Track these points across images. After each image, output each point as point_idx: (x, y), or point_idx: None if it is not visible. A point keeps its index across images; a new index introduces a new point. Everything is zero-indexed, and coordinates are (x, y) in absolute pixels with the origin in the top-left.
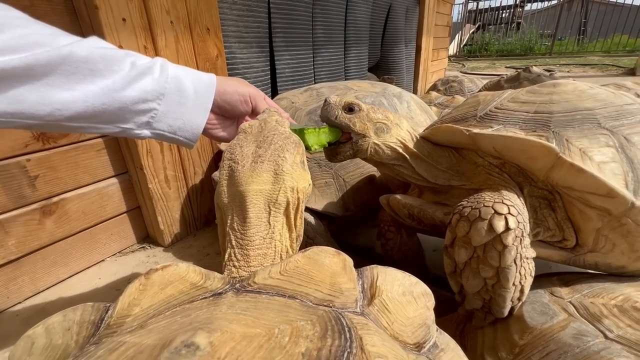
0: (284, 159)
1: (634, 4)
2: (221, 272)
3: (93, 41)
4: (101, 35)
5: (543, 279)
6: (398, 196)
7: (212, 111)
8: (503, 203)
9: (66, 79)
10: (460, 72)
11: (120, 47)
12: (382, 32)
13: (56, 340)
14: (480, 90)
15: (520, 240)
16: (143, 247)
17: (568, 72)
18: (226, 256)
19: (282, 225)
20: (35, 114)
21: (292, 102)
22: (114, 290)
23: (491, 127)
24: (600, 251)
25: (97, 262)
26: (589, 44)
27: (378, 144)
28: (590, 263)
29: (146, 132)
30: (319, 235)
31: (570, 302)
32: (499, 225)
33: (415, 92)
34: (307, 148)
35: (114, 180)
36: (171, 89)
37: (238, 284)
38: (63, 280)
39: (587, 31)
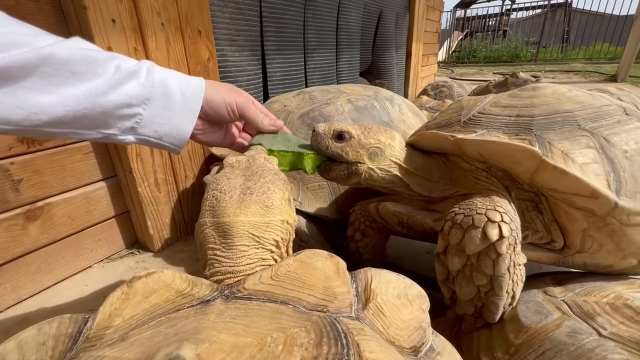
0: (274, 192)
1: (614, 13)
2: None
3: (75, 42)
4: (90, 36)
5: (536, 279)
6: (388, 204)
7: (199, 117)
8: (495, 210)
9: (45, 82)
10: (450, 77)
11: (110, 48)
12: (373, 37)
13: (29, 357)
14: (469, 95)
15: (514, 247)
16: (132, 253)
17: (553, 78)
18: (209, 274)
19: (271, 253)
20: (10, 119)
21: (285, 106)
22: (101, 297)
23: (475, 131)
24: (588, 251)
25: (84, 269)
26: (572, 52)
27: (372, 169)
28: (579, 263)
29: (130, 138)
30: (312, 239)
31: (563, 300)
32: (493, 234)
33: (406, 96)
34: (305, 171)
35: (102, 184)
36: (157, 93)
37: (227, 291)
38: (47, 288)
39: (570, 39)
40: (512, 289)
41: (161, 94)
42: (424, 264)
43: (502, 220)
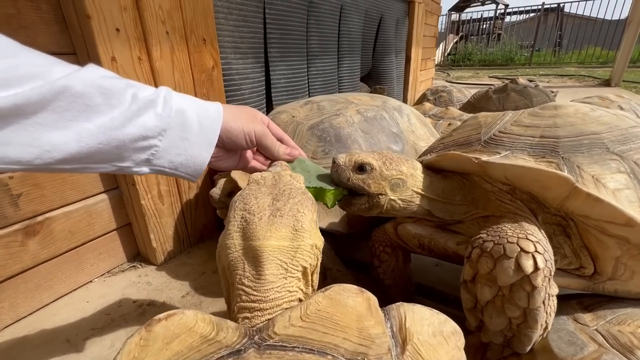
0: (304, 215)
1: (605, 18)
2: (228, 316)
3: (91, 71)
4: (93, 45)
5: (561, 303)
6: (408, 226)
7: (215, 145)
8: (528, 239)
9: (58, 117)
10: (446, 80)
11: (113, 58)
12: (373, 42)
13: None
14: (469, 101)
15: (549, 279)
16: (134, 266)
17: (548, 82)
18: (236, 309)
19: (298, 282)
20: (22, 158)
21: (293, 116)
22: (104, 314)
23: (498, 152)
24: (620, 279)
25: (84, 284)
26: (565, 55)
27: (394, 200)
28: (610, 290)
29: (145, 169)
30: (324, 255)
31: (596, 330)
32: (528, 265)
33: (405, 101)
34: (326, 205)
35: (104, 196)
36: (174, 123)
37: (257, 337)
38: (46, 305)
39: (563, 43)
40: (546, 321)
41: (178, 123)
42: (433, 277)
43: (536, 251)
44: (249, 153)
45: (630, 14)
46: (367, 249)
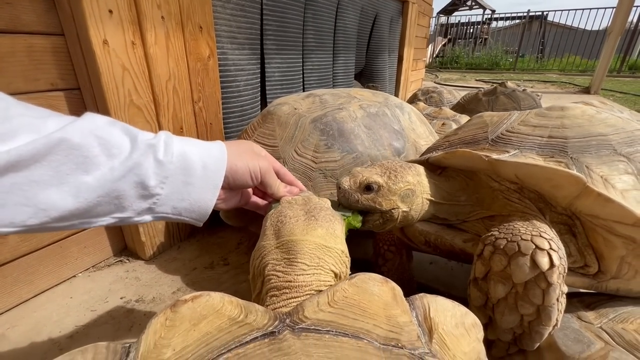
0: (336, 223)
1: (585, 28)
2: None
3: (88, 120)
4: (84, 27)
5: None
6: (415, 223)
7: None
8: (542, 237)
9: (54, 172)
10: (435, 82)
11: (105, 41)
12: (367, 40)
13: None
14: (459, 102)
15: (563, 276)
16: (120, 261)
17: (532, 87)
18: (264, 290)
19: (327, 276)
20: (15, 220)
21: (295, 109)
22: (89, 311)
23: (507, 151)
24: (623, 277)
25: (68, 279)
26: (548, 62)
27: (407, 211)
28: (612, 289)
29: (147, 218)
30: None
31: (601, 327)
32: (544, 262)
33: None
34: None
35: None
36: (177, 168)
37: (288, 320)
38: (27, 301)
39: (545, 50)
40: (557, 318)
41: (180, 168)
42: (428, 275)
43: (551, 248)
44: (248, 191)
45: (611, 25)
46: (361, 245)
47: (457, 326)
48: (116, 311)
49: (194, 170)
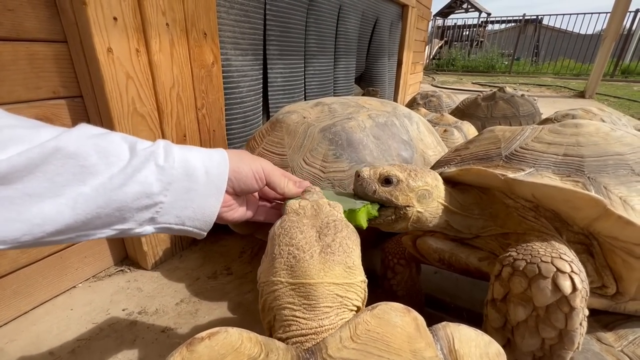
0: (353, 251)
1: (580, 32)
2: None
3: (83, 129)
4: (88, 35)
5: None
6: (429, 240)
7: (225, 191)
8: (562, 259)
9: (49, 183)
10: (432, 85)
11: (110, 49)
12: (368, 44)
13: None
14: (458, 106)
15: (585, 300)
16: (121, 270)
17: (528, 91)
18: (284, 336)
19: (350, 313)
20: (7, 237)
21: (304, 117)
22: (90, 323)
23: (522, 169)
24: None
25: (68, 289)
26: (543, 65)
27: (421, 212)
28: (631, 310)
29: (149, 229)
30: None
31: (622, 351)
32: (566, 286)
33: None
34: (359, 226)
35: None
36: (179, 174)
37: (312, 359)
38: (26, 313)
39: (540, 54)
40: (579, 341)
41: (183, 174)
42: (433, 285)
43: (572, 271)
44: (254, 198)
45: (606, 30)
46: (370, 254)
47: (482, 357)
48: (118, 324)
49: (196, 176)
